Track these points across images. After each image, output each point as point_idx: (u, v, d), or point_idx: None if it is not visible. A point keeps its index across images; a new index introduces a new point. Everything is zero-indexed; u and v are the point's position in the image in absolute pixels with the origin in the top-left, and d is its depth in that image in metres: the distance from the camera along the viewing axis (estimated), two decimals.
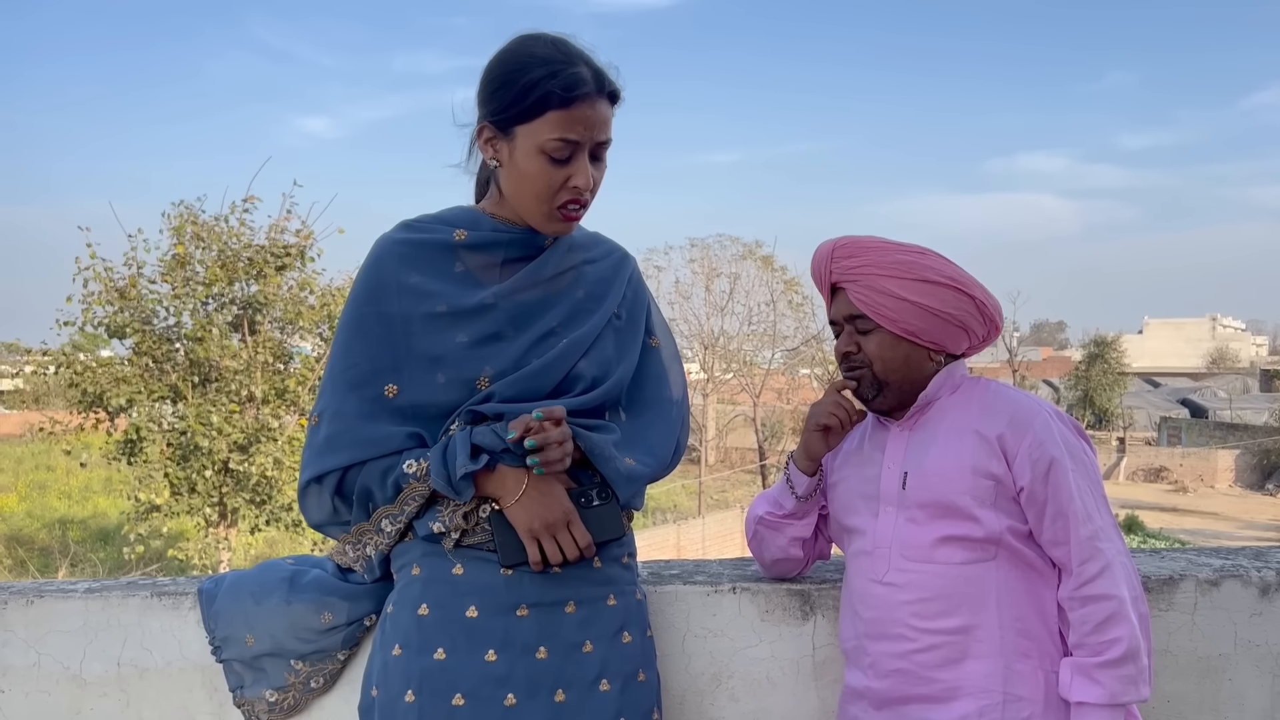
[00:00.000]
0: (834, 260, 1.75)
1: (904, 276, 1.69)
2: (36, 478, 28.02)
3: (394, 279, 1.62)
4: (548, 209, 1.62)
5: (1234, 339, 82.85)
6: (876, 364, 1.72)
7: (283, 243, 12.81)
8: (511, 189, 1.63)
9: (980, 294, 1.73)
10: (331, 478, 1.61)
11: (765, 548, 1.92)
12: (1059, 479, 1.64)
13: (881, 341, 1.72)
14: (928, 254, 1.73)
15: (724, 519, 22.57)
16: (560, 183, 1.59)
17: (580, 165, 1.59)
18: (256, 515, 12.74)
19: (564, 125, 1.56)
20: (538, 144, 1.57)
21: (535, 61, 1.56)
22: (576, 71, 1.56)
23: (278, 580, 1.82)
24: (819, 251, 1.78)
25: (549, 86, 1.54)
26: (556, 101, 1.55)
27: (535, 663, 1.56)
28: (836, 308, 1.77)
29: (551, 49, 1.58)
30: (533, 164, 1.58)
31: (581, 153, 1.59)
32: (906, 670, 1.66)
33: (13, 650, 1.91)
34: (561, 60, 1.56)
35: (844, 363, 1.77)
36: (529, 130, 1.57)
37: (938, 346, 1.73)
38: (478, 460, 1.54)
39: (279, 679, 1.81)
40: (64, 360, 12.62)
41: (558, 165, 1.58)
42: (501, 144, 1.60)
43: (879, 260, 1.71)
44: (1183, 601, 1.99)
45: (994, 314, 1.75)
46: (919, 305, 1.69)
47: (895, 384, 1.73)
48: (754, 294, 33.28)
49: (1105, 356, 50.49)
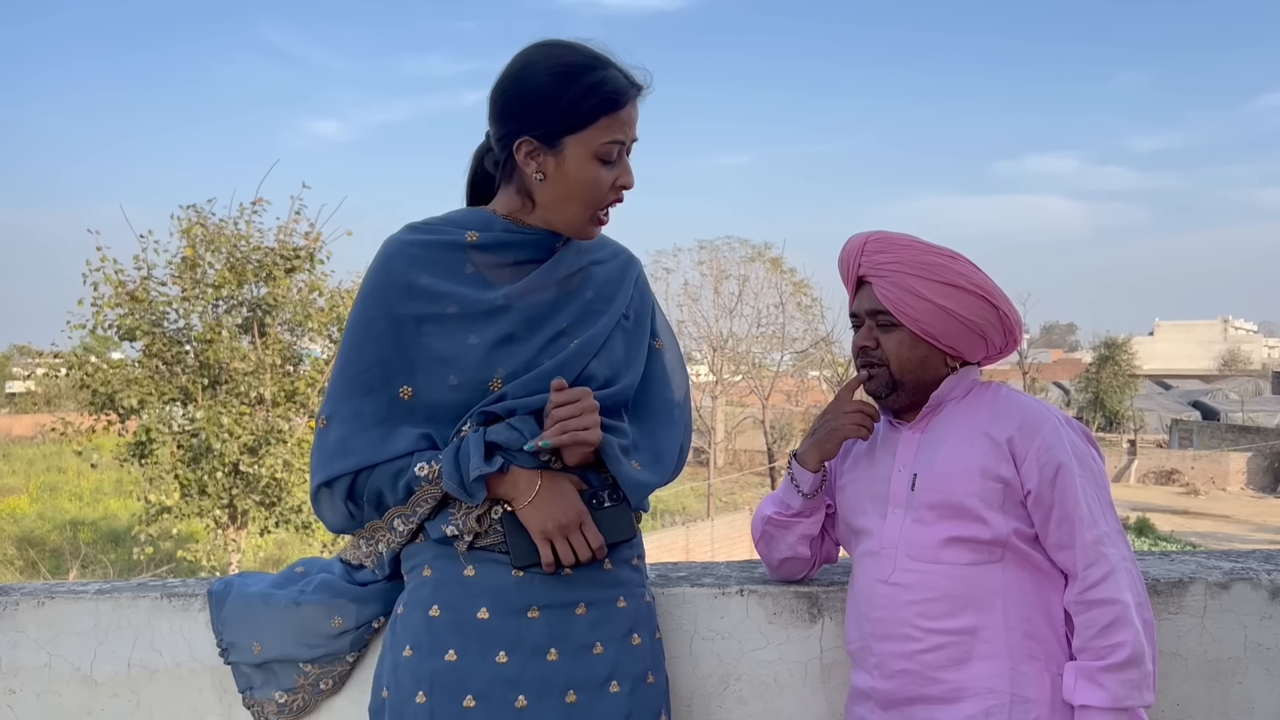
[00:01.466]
0: (865, 254, 1.75)
1: (932, 278, 1.70)
2: (48, 479, 28.17)
3: (403, 280, 1.62)
4: (593, 213, 1.63)
5: (1245, 341, 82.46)
6: (894, 362, 1.73)
7: (292, 245, 12.87)
8: (556, 197, 1.62)
9: (1004, 305, 1.74)
10: (343, 481, 1.61)
11: (774, 547, 1.92)
12: (1066, 484, 1.64)
13: (901, 340, 1.73)
14: (958, 259, 1.73)
15: (733, 521, 22.55)
16: (610, 184, 1.61)
17: (624, 165, 1.63)
18: (266, 517, 12.79)
19: (615, 129, 1.58)
20: (591, 150, 1.58)
21: (576, 70, 1.57)
22: (618, 74, 1.59)
23: (285, 583, 1.83)
24: (850, 243, 1.79)
25: (600, 94, 1.56)
26: (610, 106, 1.57)
27: (546, 664, 1.56)
28: (860, 301, 1.78)
29: (585, 56, 1.59)
30: (586, 170, 1.59)
31: (625, 153, 1.62)
32: (912, 671, 1.66)
33: (24, 651, 1.92)
34: (599, 64, 1.58)
35: (860, 356, 1.78)
36: (580, 139, 1.58)
37: (955, 352, 1.74)
38: (492, 462, 1.55)
39: (288, 681, 1.82)
40: (75, 362, 12.69)
41: (608, 167, 1.60)
42: (547, 156, 1.60)
43: (910, 259, 1.72)
44: (1192, 604, 1.98)
45: (1014, 327, 1.76)
46: (943, 308, 1.69)
47: (910, 384, 1.74)
48: (763, 296, 33.32)
49: (1116, 359, 50.35)
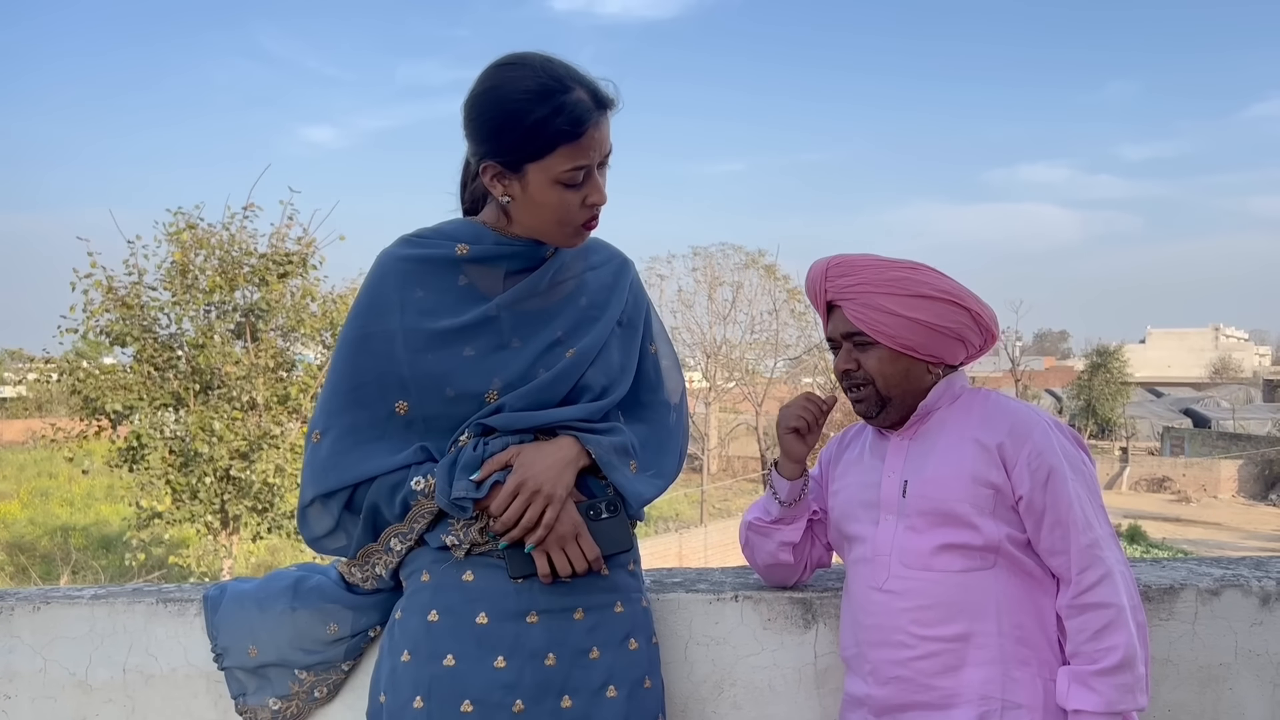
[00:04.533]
0: (828, 279, 1.76)
1: (899, 293, 1.71)
2: (39, 484, 28.03)
3: (397, 295, 1.63)
4: (570, 229, 1.63)
5: (1237, 349, 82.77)
6: (878, 380, 1.74)
7: (285, 250, 12.84)
8: (528, 217, 1.62)
9: (975, 305, 1.74)
10: (340, 495, 1.62)
11: (755, 552, 1.95)
12: (1058, 488, 1.65)
13: (881, 357, 1.74)
14: (920, 269, 1.74)
15: (726, 528, 22.53)
16: (578, 205, 1.60)
17: (593, 183, 1.60)
18: (258, 523, 12.74)
19: (576, 155, 1.56)
20: (552, 177, 1.57)
21: (533, 98, 1.52)
22: (578, 100, 1.54)
23: (282, 588, 1.83)
24: (813, 270, 1.80)
25: (557, 124, 1.52)
26: (567, 137, 1.54)
27: (543, 669, 1.56)
28: (834, 325, 1.79)
29: (544, 78, 1.54)
30: (550, 195, 1.58)
31: (593, 172, 1.60)
32: (906, 677, 1.67)
33: (19, 656, 1.92)
34: (559, 89, 1.53)
35: (844, 380, 1.78)
36: (541, 166, 1.56)
37: (935, 359, 1.75)
38: (480, 488, 1.56)
39: (283, 688, 1.82)
40: (66, 367, 12.64)
41: (573, 190, 1.59)
42: (511, 180, 1.59)
43: (873, 278, 1.72)
44: (1183, 611, 2.00)
45: (989, 323, 1.77)
46: (915, 320, 1.70)
47: (897, 398, 1.75)
48: (756, 303, 33.39)
49: (1108, 366, 50.50)
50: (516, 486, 1.55)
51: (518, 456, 1.58)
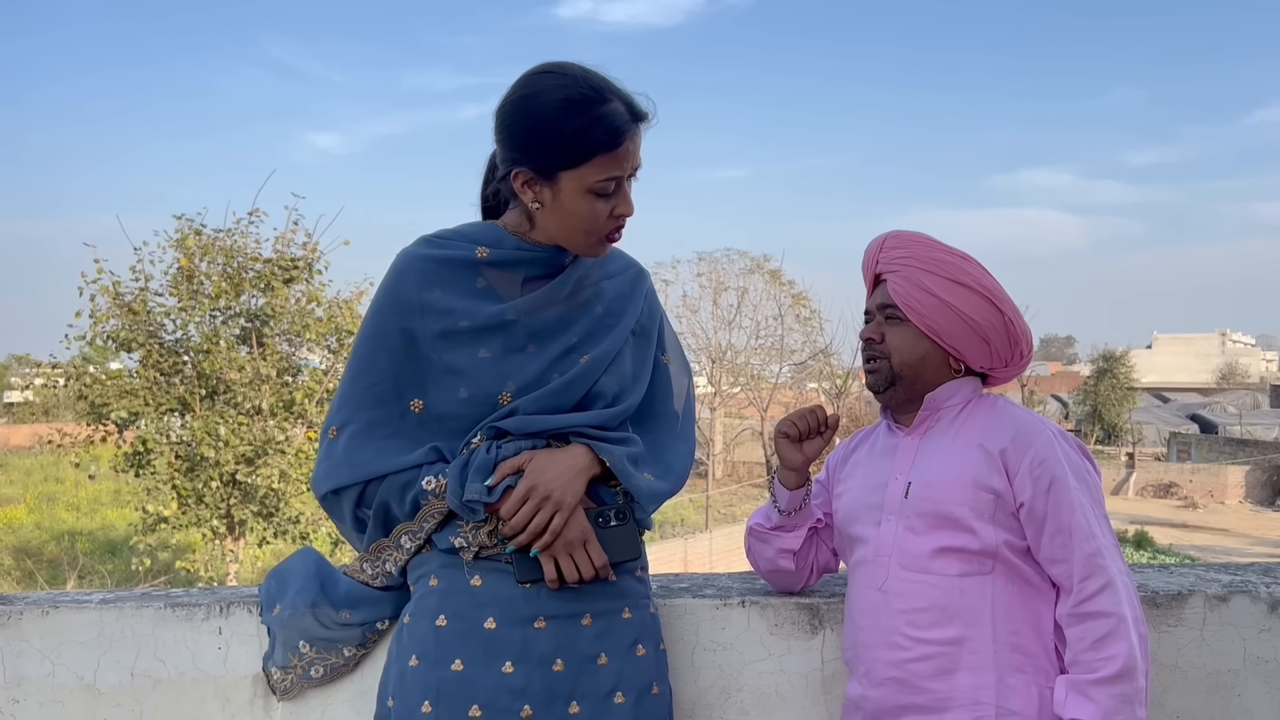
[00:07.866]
0: (883, 250, 1.80)
1: (940, 274, 1.73)
2: (45, 489, 28.10)
3: (416, 295, 1.64)
4: (595, 239, 1.64)
5: (1244, 354, 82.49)
6: (895, 355, 1.76)
7: (289, 255, 12.87)
8: (554, 224, 1.63)
9: (1011, 312, 1.75)
10: (352, 491, 1.63)
11: (757, 558, 1.96)
12: (1061, 495, 1.64)
13: (905, 334, 1.75)
14: (969, 260, 1.77)
15: (731, 533, 22.51)
16: (606, 215, 1.61)
17: (623, 195, 1.62)
18: (264, 528, 12.75)
19: (610, 166, 1.57)
20: (585, 186, 1.58)
21: (573, 107, 1.55)
22: (616, 112, 1.57)
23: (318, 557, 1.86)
24: (872, 242, 1.84)
25: (596, 135, 1.55)
26: (604, 147, 1.56)
27: (552, 675, 1.57)
28: (874, 297, 1.82)
29: (584, 87, 1.57)
30: (581, 204, 1.60)
31: (624, 184, 1.62)
32: (899, 679, 1.67)
33: (28, 660, 1.92)
34: (598, 99, 1.56)
35: (865, 349, 1.80)
36: (576, 174, 1.58)
37: (957, 353, 1.75)
38: (493, 494, 1.57)
39: (283, 659, 1.83)
40: (73, 373, 12.67)
41: (604, 200, 1.60)
42: (543, 187, 1.60)
43: (921, 255, 1.75)
44: (1191, 617, 1.99)
45: (1019, 335, 1.77)
46: (948, 305, 1.72)
47: (908, 380, 1.76)
48: (761, 308, 33.31)
49: (1114, 371, 50.40)
50: (527, 491, 1.56)
51: (530, 462, 1.58)
